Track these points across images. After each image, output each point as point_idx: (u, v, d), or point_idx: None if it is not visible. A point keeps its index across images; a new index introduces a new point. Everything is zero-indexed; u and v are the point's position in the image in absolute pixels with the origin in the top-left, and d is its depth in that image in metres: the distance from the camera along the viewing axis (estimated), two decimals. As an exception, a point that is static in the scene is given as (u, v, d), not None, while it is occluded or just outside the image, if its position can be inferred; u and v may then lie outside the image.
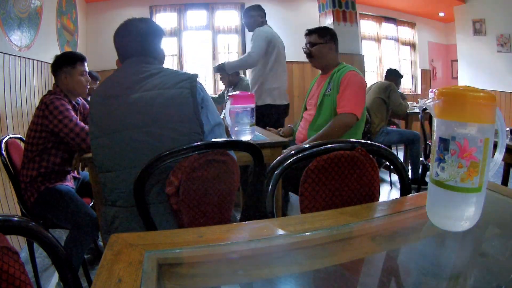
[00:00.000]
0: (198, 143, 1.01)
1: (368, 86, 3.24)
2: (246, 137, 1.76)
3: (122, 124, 1.12)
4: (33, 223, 0.64)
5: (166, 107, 1.11)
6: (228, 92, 3.56)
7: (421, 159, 3.18)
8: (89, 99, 3.90)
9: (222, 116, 3.47)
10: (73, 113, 1.75)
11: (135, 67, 1.20)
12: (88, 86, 1.92)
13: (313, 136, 1.95)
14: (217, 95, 3.69)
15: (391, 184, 3.53)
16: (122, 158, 1.12)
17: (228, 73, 3.27)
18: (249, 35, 5.22)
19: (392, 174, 3.54)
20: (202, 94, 1.16)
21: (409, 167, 3.35)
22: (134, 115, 1.11)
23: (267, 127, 2.35)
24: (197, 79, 1.17)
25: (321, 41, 2.05)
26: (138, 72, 1.17)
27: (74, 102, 1.88)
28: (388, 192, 3.41)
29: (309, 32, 2.11)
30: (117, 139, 1.12)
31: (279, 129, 2.36)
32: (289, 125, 2.42)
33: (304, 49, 2.12)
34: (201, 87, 1.17)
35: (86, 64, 1.89)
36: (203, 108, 1.15)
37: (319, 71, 2.20)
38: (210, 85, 5.23)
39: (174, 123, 1.10)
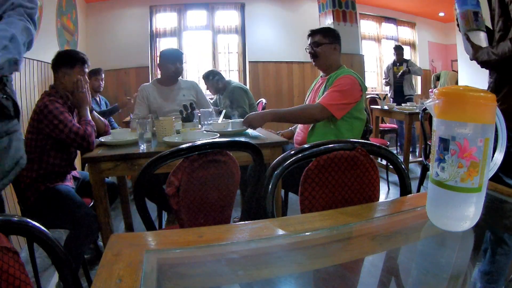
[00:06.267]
0: (199, 143, 1.01)
1: None
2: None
3: None
4: (33, 223, 0.64)
5: None
6: (219, 98, 3.60)
7: (421, 159, 3.16)
8: (97, 97, 3.85)
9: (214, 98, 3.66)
10: (67, 114, 1.73)
11: None
12: (87, 87, 1.89)
13: (281, 111, 1.96)
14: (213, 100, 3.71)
15: (388, 184, 3.52)
16: None
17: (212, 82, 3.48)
18: (249, 35, 5.25)
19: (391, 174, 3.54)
20: None
21: None
22: None
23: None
24: None
25: (325, 41, 2.05)
26: None
27: (69, 103, 1.86)
28: (386, 193, 3.41)
29: (313, 33, 2.10)
30: None
31: (278, 131, 2.34)
32: (289, 128, 2.39)
33: (307, 50, 2.11)
34: None
35: (86, 66, 1.86)
36: None
37: (320, 72, 2.19)
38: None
39: None
